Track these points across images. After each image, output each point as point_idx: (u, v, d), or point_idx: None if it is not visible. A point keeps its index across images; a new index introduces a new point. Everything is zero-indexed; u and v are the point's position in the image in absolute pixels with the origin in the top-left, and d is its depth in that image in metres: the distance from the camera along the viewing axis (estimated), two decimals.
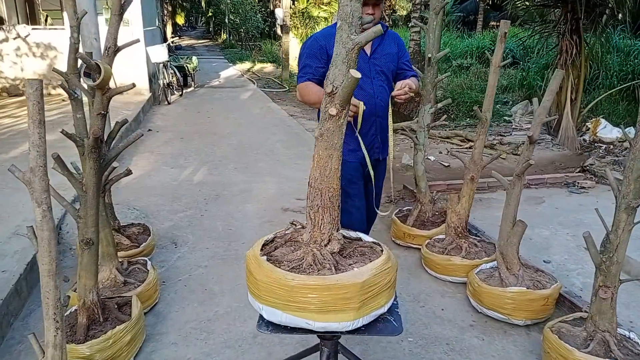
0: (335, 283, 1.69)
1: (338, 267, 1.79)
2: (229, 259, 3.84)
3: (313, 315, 1.72)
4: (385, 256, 1.82)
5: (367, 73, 2.77)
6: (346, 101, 1.74)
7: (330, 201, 1.85)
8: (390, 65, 2.92)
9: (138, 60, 10.24)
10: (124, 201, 4.91)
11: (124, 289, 3.08)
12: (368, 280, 1.70)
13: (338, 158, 1.82)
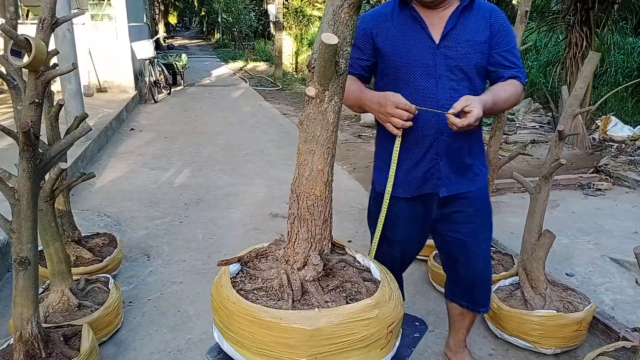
0: (276, 321, 1.23)
1: (302, 301, 1.33)
2: (208, 274, 3.35)
3: (247, 354, 1.31)
4: (372, 301, 1.29)
5: (430, 68, 1.79)
6: (325, 78, 1.27)
7: (308, 212, 1.38)
8: (474, 58, 1.81)
9: (122, 57, 9.75)
10: (95, 207, 4.42)
11: (78, 314, 2.59)
12: (325, 329, 1.22)
13: (323, 156, 1.35)
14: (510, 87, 1.82)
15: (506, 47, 1.84)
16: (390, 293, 1.34)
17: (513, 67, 1.84)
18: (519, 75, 1.85)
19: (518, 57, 1.88)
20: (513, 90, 1.82)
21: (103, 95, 9.36)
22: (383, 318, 1.29)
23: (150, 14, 17.64)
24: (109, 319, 2.63)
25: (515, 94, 1.84)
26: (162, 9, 29.70)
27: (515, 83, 1.84)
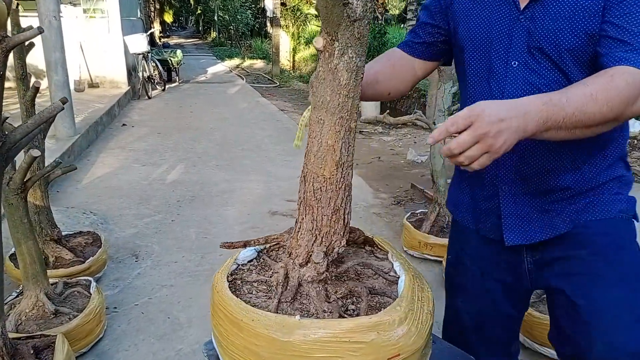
0: (247, 322, 0.97)
1: (295, 305, 1.06)
2: (202, 276, 3.06)
3: (220, 351, 1.09)
4: (369, 321, 0.94)
5: (502, 47, 1.15)
6: (332, 23, 0.98)
7: (314, 196, 1.10)
8: (574, 37, 1.07)
9: (114, 51, 9.42)
10: (81, 204, 4.11)
11: (54, 322, 2.30)
12: (299, 344, 0.92)
13: (333, 127, 1.05)
14: (615, 81, 0.94)
15: (627, 10, 1.00)
16: (405, 315, 0.97)
17: (628, 46, 0.98)
18: (631, 57, 0.97)
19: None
20: (620, 87, 0.93)
21: (94, 90, 9.04)
22: (382, 346, 0.94)
23: (145, 10, 17.32)
24: (90, 328, 2.34)
25: (627, 92, 0.94)
26: (157, 7, 29.34)
27: (627, 72, 0.95)
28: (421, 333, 0.99)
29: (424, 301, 1.06)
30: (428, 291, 1.09)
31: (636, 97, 0.94)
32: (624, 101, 0.93)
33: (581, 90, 0.94)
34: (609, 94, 0.92)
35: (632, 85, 0.93)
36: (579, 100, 0.92)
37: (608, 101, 0.92)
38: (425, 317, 1.02)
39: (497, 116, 0.87)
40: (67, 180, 4.70)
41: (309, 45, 18.01)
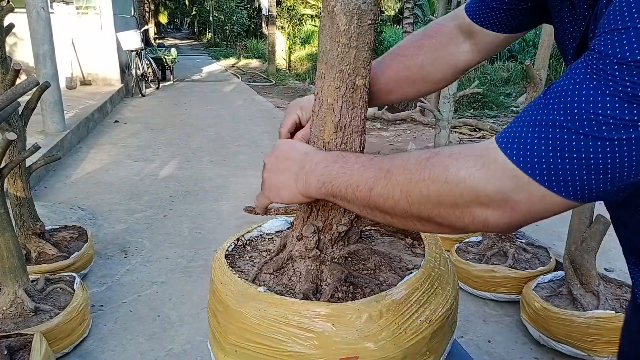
0: (216, 285, 0.90)
1: (277, 276, 0.94)
2: (194, 273, 2.89)
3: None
4: (324, 309, 0.78)
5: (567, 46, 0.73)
6: None
7: None
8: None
9: (107, 48, 9.25)
10: (70, 200, 3.94)
11: (33, 321, 2.13)
12: (245, 314, 0.80)
13: (332, 83, 0.88)
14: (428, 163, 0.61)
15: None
16: (379, 315, 0.78)
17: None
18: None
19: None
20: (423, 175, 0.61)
21: (87, 87, 8.86)
22: (335, 341, 0.77)
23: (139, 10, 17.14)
24: (72, 326, 2.17)
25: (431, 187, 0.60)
26: (152, 8, 29.14)
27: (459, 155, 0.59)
28: (398, 341, 0.79)
29: (425, 307, 0.85)
30: (444, 299, 0.88)
31: (443, 201, 0.58)
32: (424, 197, 0.59)
33: (386, 161, 0.66)
34: (405, 177, 0.61)
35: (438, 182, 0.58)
36: (372, 173, 0.66)
37: (403, 189, 0.61)
38: (416, 326, 0.82)
39: (285, 154, 0.79)
40: (55, 176, 4.52)
41: (304, 45, 17.87)
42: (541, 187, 0.52)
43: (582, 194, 0.51)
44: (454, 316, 0.91)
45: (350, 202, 0.69)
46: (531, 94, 2.56)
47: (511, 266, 2.56)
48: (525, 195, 0.53)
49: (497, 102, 9.39)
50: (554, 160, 0.51)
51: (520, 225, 0.57)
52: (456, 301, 0.92)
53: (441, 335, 0.87)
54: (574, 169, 0.50)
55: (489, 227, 0.57)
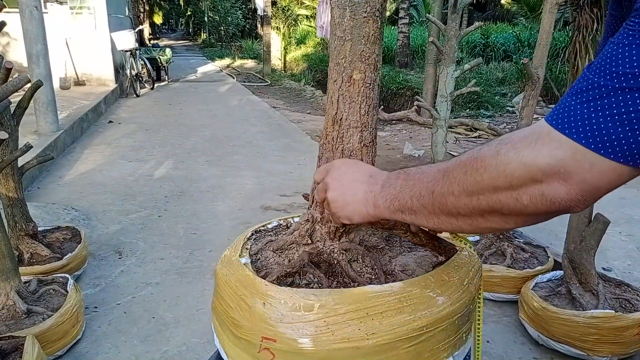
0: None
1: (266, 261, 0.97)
2: (190, 274, 2.86)
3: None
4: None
5: None
6: None
7: (318, 158, 0.96)
8: None
9: (102, 48, 9.19)
10: (63, 200, 3.90)
11: (26, 323, 2.10)
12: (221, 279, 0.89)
13: (331, 76, 0.87)
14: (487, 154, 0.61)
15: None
16: (312, 304, 0.78)
17: None
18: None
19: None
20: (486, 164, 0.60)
21: (80, 88, 8.80)
22: (261, 319, 0.79)
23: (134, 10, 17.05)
24: (65, 328, 2.14)
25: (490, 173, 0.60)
26: (146, 9, 29.03)
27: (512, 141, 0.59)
28: (320, 339, 0.76)
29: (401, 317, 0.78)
30: (438, 307, 0.81)
31: (498, 184, 0.58)
32: (480, 184, 0.60)
33: (444, 163, 0.68)
34: (467, 172, 0.62)
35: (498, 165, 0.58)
36: (432, 176, 0.67)
37: (460, 182, 0.62)
38: (350, 332, 0.76)
39: (350, 176, 0.79)
40: (48, 177, 4.48)
41: (300, 46, 17.86)
42: (588, 151, 0.51)
43: (632, 155, 0.49)
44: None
45: (417, 213, 0.69)
46: (529, 92, 2.54)
47: (509, 266, 2.55)
48: (575, 163, 0.52)
49: (492, 102, 9.40)
50: (596, 119, 0.50)
51: (582, 198, 0.54)
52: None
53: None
54: (617, 126, 0.49)
55: (549, 203, 0.55)
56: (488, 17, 23.35)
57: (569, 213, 0.56)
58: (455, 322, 0.82)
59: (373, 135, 0.83)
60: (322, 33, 11.56)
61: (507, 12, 22.84)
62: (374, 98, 0.80)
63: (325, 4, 11.07)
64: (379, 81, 0.82)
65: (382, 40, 0.78)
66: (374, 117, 0.81)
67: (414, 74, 12.27)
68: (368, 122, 0.82)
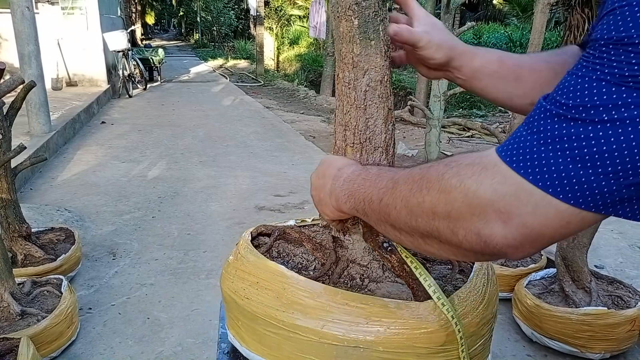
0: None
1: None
2: (184, 274, 2.86)
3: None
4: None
5: None
6: None
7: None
8: None
9: (94, 48, 9.15)
10: (56, 201, 3.88)
11: (20, 324, 2.09)
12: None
13: (340, 57, 0.84)
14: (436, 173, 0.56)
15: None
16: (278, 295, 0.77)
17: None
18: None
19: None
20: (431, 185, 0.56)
21: (73, 89, 8.75)
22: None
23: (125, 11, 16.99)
24: (60, 330, 2.13)
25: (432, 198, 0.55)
26: (139, 9, 28.92)
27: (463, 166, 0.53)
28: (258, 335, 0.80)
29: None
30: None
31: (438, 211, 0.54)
32: (421, 207, 0.56)
33: (399, 171, 0.63)
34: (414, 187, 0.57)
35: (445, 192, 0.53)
36: (384, 183, 0.63)
37: (403, 199, 0.58)
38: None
39: (324, 172, 0.78)
40: (40, 178, 4.45)
41: (293, 46, 17.86)
42: (535, 188, 0.45)
43: (582, 195, 0.43)
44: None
45: (368, 216, 0.67)
46: None
47: (502, 264, 2.57)
48: (517, 202, 0.46)
49: (485, 102, 9.45)
50: (546, 153, 0.45)
51: (520, 244, 0.48)
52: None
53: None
54: (567, 162, 0.43)
55: (483, 244, 0.50)
56: (480, 17, 23.45)
57: (506, 258, 0.53)
58: None
59: (359, 137, 0.80)
60: (315, 33, 11.56)
61: (499, 12, 22.95)
62: (357, 99, 0.78)
63: (318, 4, 11.07)
64: (368, 82, 0.80)
65: (364, 41, 0.76)
66: (358, 119, 0.79)
67: (407, 74, 12.31)
68: (350, 121, 0.80)
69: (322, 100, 9.91)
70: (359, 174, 0.70)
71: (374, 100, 0.78)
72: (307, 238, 0.91)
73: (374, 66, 0.76)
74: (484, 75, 0.78)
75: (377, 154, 0.80)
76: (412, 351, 0.70)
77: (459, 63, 0.77)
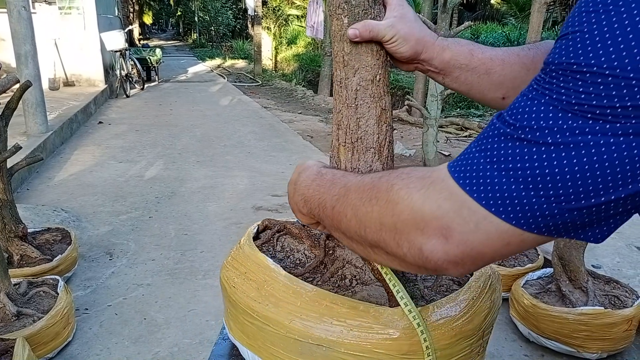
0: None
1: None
2: (181, 274, 2.85)
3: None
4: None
5: None
6: None
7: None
8: None
9: (91, 48, 9.13)
10: (53, 202, 3.87)
11: (16, 325, 2.08)
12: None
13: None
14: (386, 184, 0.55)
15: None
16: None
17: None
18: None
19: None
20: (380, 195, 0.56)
21: (70, 89, 8.73)
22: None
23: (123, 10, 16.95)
24: (56, 330, 2.13)
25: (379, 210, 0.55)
26: (136, 9, 28.87)
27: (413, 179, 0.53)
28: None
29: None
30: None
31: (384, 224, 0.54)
32: (369, 216, 0.56)
33: (352, 178, 0.63)
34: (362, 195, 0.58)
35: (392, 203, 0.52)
36: (337, 190, 0.63)
37: (353, 207, 0.58)
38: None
39: (293, 177, 0.77)
40: (37, 178, 4.44)
41: (290, 46, 17.85)
42: (478, 206, 0.45)
43: (523, 216, 0.43)
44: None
45: (323, 222, 0.67)
46: None
47: (499, 264, 2.57)
48: (459, 219, 0.46)
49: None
50: (491, 172, 0.45)
51: (460, 262, 0.48)
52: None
53: None
54: (511, 182, 0.43)
55: (424, 259, 0.49)
56: (478, 16, 23.46)
57: (447, 275, 0.53)
58: None
59: (350, 137, 0.79)
60: (312, 33, 11.55)
61: (496, 11, 22.97)
62: (348, 98, 0.77)
63: (316, 4, 11.07)
64: (359, 81, 0.79)
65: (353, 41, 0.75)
66: (349, 118, 0.78)
67: (405, 73, 12.29)
68: (342, 120, 0.79)
69: (320, 100, 9.90)
70: (313, 180, 0.69)
71: (365, 99, 0.77)
72: (307, 235, 0.90)
73: (364, 65, 0.75)
74: (455, 68, 0.77)
75: (369, 154, 0.78)
76: (373, 356, 0.69)
77: (429, 56, 0.76)
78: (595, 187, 0.40)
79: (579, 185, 0.41)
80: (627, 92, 0.38)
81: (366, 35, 0.72)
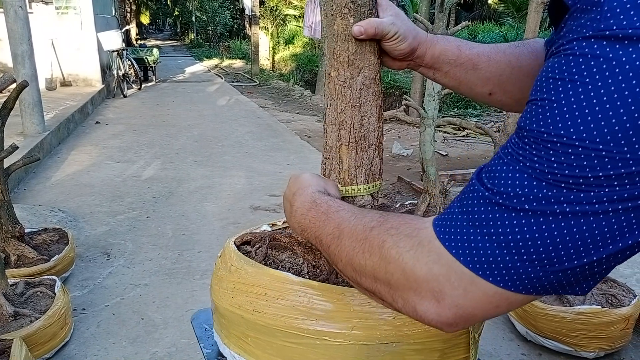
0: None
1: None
2: (179, 274, 2.85)
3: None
4: None
5: None
6: None
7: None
8: None
9: (88, 48, 9.11)
10: (50, 202, 3.86)
11: (13, 325, 2.08)
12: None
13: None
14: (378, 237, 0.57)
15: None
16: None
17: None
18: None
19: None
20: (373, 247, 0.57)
21: (67, 89, 8.71)
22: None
23: (120, 10, 16.93)
24: (53, 331, 2.12)
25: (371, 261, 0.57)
26: (133, 9, 28.83)
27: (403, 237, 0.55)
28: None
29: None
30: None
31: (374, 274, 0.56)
32: (363, 268, 0.57)
33: (344, 218, 0.63)
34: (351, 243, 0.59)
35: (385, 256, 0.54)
36: (331, 229, 0.63)
37: (347, 255, 0.59)
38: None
39: (286, 191, 0.78)
40: (34, 178, 4.43)
41: (288, 45, 17.83)
42: (465, 270, 0.46)
43: (510, 278, 0.44)
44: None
45: (321, 252, 0.70)
46: None
47: None
48: (449, 284, 0.47)
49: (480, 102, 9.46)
50: (474, 235, 0.46)
51: (454, 322, 0.49)
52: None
53: None
54: (494, 247, 0.44)
55: (419, 318, 0.51)
56: (475, 16, 23.50)
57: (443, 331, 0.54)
58: None
59: (355, 136, 0.80)
60: (309, 33, 11.55)
61: (494, 11, 23.00)
62: (352, 97, 0.77)
63: (314, 4, 11.06)
64: (363, 80, 0.79)
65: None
66: (353, 117, 0.79)
67: (402, 73, 12.30)
68: (345, 120, 0.79)
69: (318, 100, 9.91)
70: (309, 209, 0.69)
71: (368, 98, 0.78)
72: (296, 242, 0.89)
73: (368, 64, 0.76)
74: (444, 63, 0.78)
75: (370, 151, 0.80)
76: (426, 347, 0.73)
77: (421, 52, 0.78)
78: (576, 251, 0.42)
79: (559, 250, 0.42)
80: (597, 162, 0.39)
81: (371, 32, 0.72)
